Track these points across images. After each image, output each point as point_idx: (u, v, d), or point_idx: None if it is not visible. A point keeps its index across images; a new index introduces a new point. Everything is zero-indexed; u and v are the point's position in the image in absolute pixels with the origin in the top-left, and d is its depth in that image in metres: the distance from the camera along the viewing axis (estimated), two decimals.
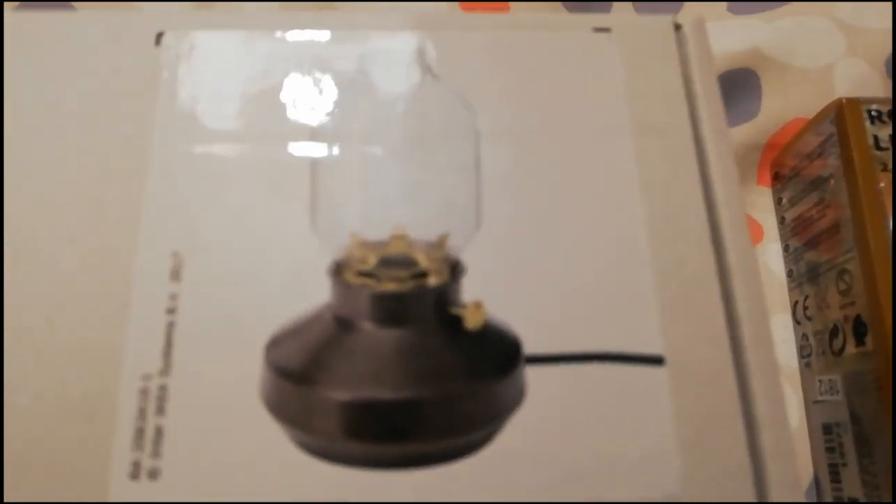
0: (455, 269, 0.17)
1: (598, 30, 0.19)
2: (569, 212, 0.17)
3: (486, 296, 0.16)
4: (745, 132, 0.33)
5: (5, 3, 0.32)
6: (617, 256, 0.17)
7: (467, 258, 0.17)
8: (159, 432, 0.15)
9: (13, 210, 0.16)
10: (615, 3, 0.36)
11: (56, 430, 0.15)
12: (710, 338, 0.16)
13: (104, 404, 0.15)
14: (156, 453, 0.15)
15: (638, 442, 0.15)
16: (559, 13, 0.35)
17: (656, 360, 0.16)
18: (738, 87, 0.33)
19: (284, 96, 0.18)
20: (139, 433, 0.15)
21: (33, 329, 0.15)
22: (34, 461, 0.15)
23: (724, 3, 0.35)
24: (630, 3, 0.36)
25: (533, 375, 0.16)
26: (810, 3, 0.34)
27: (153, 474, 0.15)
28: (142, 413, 0.15)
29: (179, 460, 0.15)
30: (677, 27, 0.19)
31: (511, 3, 0.35)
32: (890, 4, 0.34)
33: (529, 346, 0.16)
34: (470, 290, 0.17)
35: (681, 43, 0.19)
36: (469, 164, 0.17)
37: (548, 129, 0.18)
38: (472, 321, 0.16)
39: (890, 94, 0.32)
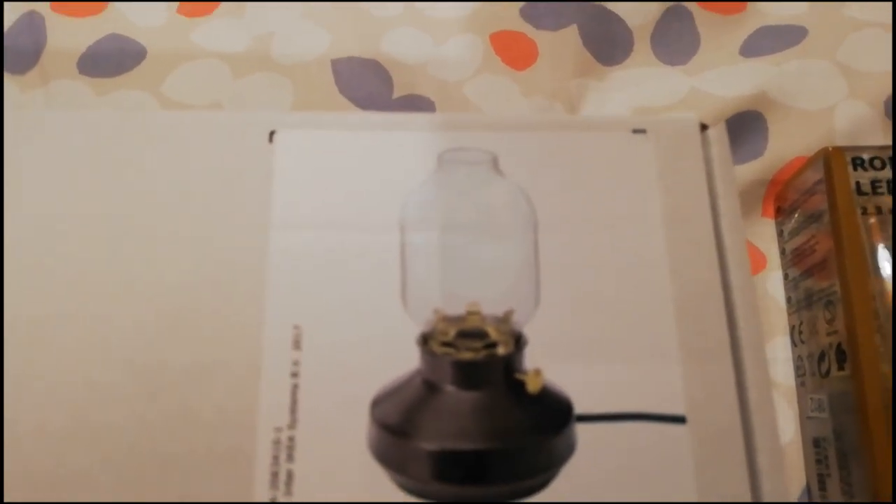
0: (519, 341, 0.21)
1: (636, 131, 0.22)
2: (609, 292, 0.21)
3: (542, 363, 0.20)
4: (753, 169, 0.36)
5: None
6: (649, 331, 0.21)
7: (528, 331, 0.21)
8: (290, 475, 0.19)
9: (159, 294, 0.20)
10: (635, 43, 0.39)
11: (208, 475, 0.19)
12: (723, 401, 0.20)
13: (245, 453, 0.19)
14: (288, 492, 0.19)
15: (662, 487, 0.19)
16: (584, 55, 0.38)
17: (679, 419, 0.20)
18: (747, 128, 0.37)
19: (376, 189, 0.22)
20: (274, 476, 0.19)
21: (185, 394, 0.19)
22: (191, 501, 0.19)
23: (737, 46, 0.39)
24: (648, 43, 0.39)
25: (581, 430, 0.20)
26: (815, 45, 0.38)
27: None
28: (275, 460, 0.19)
29: (308, 497, 0.19)
30: (703, 127, 0.23)
31: (537, 43, 0.38)
32: (889, 39, 0.38)
33: (578, 407, 0.20)
34: (530, 358, 0.20)
35: (705, 143, 0.23)
36: (529, 251, 0.21)
37: (592, 218, 0.22)
38: (532, 385, 0.20)
39: (887, 136, 0.36)
